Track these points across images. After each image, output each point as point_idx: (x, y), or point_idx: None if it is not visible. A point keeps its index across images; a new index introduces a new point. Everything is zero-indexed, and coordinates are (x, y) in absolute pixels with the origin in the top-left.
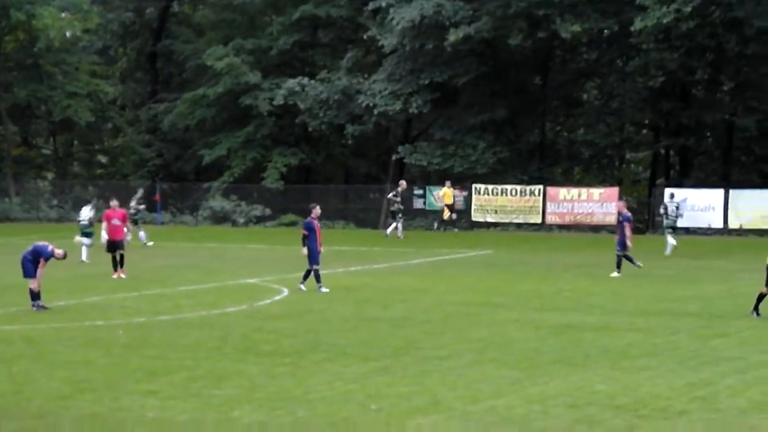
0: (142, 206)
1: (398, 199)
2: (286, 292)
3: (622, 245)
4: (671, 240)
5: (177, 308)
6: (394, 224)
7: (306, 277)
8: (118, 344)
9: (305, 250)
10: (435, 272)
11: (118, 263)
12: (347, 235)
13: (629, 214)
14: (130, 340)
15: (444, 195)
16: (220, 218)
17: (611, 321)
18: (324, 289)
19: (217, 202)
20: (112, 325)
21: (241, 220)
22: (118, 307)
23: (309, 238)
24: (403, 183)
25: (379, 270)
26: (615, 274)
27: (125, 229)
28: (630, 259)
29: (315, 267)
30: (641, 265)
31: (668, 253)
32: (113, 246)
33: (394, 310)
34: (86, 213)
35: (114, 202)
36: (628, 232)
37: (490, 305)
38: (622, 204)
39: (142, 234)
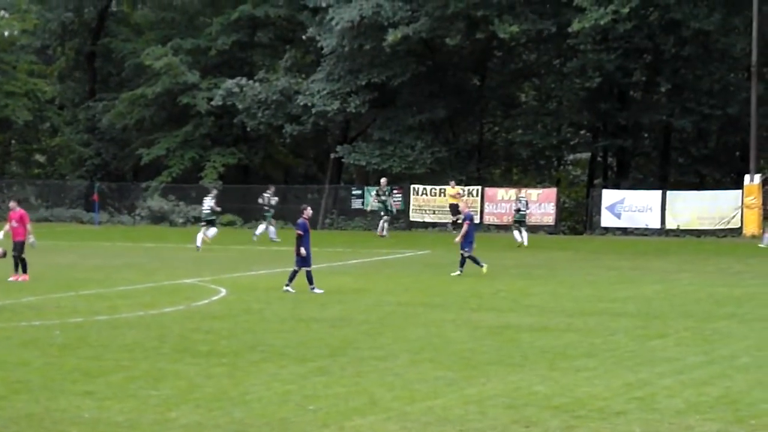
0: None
1: (384, 198)
2: (223, 292)
3: (468, 245)
4: (523, 234)
5: (114, 308)
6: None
7: (292, 278)
8: (55, 344)
9: (303, 251)
10: (373, 272)
11: (18, 265)
12: (286, 236)
13: (471, 213)
14: (67, 340)
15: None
16: (158, 218)
17: (549, 321)
18: (318, 290)
19: (156, 202)
20: (49, 325)
21: (180, 220)
22: (54, 308)
23: (304, 239)
24: (383, 181)
25: (318, 270)
26: (457, 272)
27: (29, 234)
28: (474, 260)
29: (307, 268)
30: (485, 266)
31: (522, 243)
32: (13, 248)
33: (331, 310)
34: (208, 202)
35: (12, 203)
36: (463, 229)
37: (427, 305)
38: (464, 204)
39: (262, 228)
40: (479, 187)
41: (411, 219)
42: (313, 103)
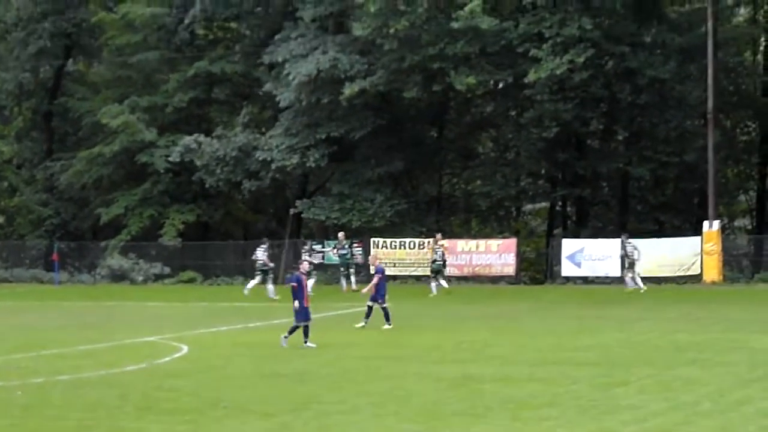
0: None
1: (344, 251)
2: (185, 349)
3: (382, 297)
4: (441, 282)
5: (76, 368)
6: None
7: (292, 332)
8: (17, 405)
9: (297, 303)
10: (335, 326)
11: None
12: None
13: (382, 266)
14: (29, 400)
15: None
16: (119, 276)
17: (511, 372)
18: (310, 344)
19: (115, 261)
20: (10, 386)
21: (140, 278)
22: (14, 368)
23: (298, 292)
24: (341, 235)
25: (279, 326)
26: (386, 327)
27: None
28: (386, 313)
29: (305, 323)
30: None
31: (436, 292)
32: None
33: (294, 365)
34: (261, 254)
35: None
36: (374, 281)
37: (390, 358)
38: (373, 257)
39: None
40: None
41: (371, 272)
42: (272, 158)
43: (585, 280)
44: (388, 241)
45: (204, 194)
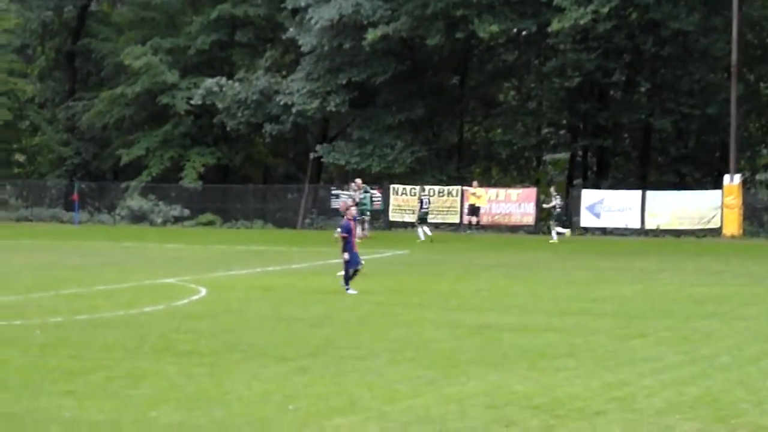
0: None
1: (360, 197)
2: (204, 292)
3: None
4: (426, 230)
5: (94, 308)
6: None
7: (348, 279)
8: (35, 344)
9: (346, 255)
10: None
11: None
12: (266, 235)
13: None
14: (47, 339)
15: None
16: (138, 218)
17: (529, 321)
18: (351, 291)
19: (135, 202)
20: (29, 324)
21: (159, 220)
22: (34, 307)
23: (347, 240)
24: (358, 181)
25: (298, 270)
26: (340, 273)
27: None
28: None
29: (359, 267)
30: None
31: (423, 239)
32: None
33: (312, 310)
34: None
35: None
36: (358, 231)
37: (407, 305)
38: (344, 204)
39: (363, 231)
40: (458, 187)
41: (390, 219)
42: (293, 102)
43: (604, 231)
44: (408, 188)
45: (225, 137)
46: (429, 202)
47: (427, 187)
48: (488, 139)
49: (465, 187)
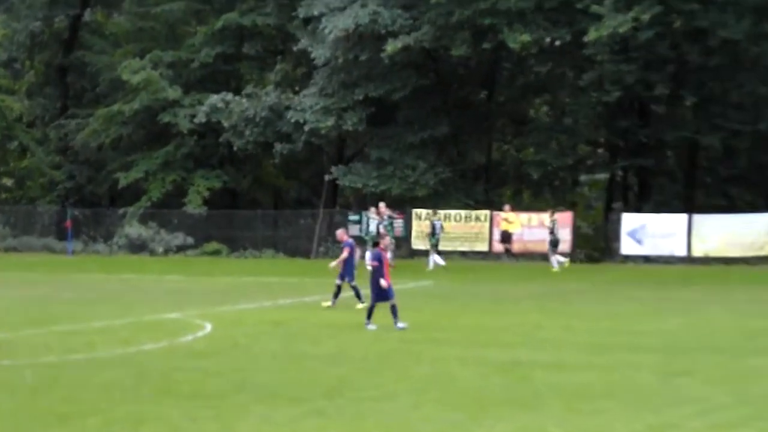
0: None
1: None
2: (209, 327)
3: (351, 274)
4: (438, 260)
5: (90, 346)
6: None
7: (370, 314)
8: (25, 386)
9: (384, 282)
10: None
11: None
12: (276, 265)
13: (351, 240)
14: (39, 381)
15: (507, 219)
16: (137, 247)
17: (564, 357)
18: (401, 325)
19: (134, 230)
20: (18, 365)
21: (161, 249)
22: (24, 345)
23: (378, 271)
24: (382, 206)
25: (311, 303)
26: (359, 305)
27: None
28: (356, 291)
29: (391, 302)
30: (364, 303)
31: (431, 269)
32: None
33: (326, 346)
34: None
35: None
36: (343, 255)
37: (431, 341)
38: (342, 232)
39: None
40: (487, 212)
41: (413, 247)
42: (305, 119)
43: (646, 258)
44: (430, 211)
45: (231, 158)
46: (441, 228)
47: (440, 211)
48: (519, 159)
49: (495, 212)
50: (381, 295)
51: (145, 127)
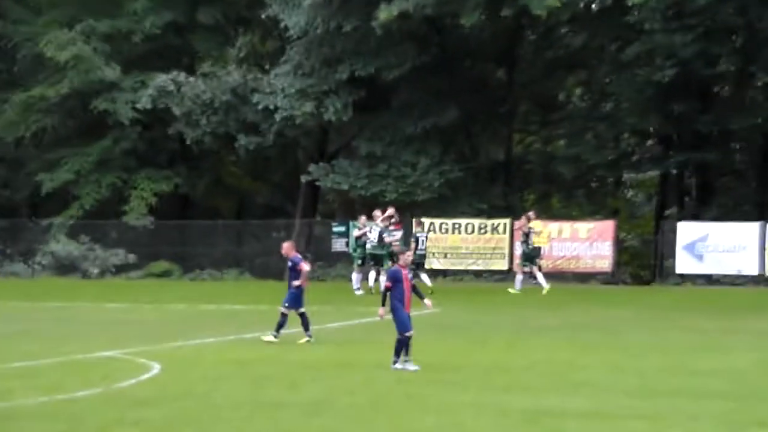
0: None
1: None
2: (156, 368)
3: (297, 299)
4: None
5: (8, 393)
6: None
7: (399, 350)
8: None
9: (382, 311)
10: (362, 339)
11: None
12: (242, 289)
13: (299, 256)
14: None
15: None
16: (66, 267)
17: (605, 405)
18: (412, 367)
19: (62, 246)
20: None
21: (95, 271)
22: None
23: (394, 292)
24: (391, 211)
25: (285, 336)
26: (304, 340)
27: None
28: (305, 323)
29: (407, 334)
30: (312, 338)
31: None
32: None
33: (305, 391)
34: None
35: None
36: (304, 270)
37: (437, 383)
38: (289, 245)
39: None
40: (507, 221)
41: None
42: (277, 105)
43: (709, 279)
44: (437, 222)
45: (184, 155)
46: (426, 240)
47: (425, 220)
48: (547, 154)
49: (518, 221)
50: (401, 324)
51: (75, 117)
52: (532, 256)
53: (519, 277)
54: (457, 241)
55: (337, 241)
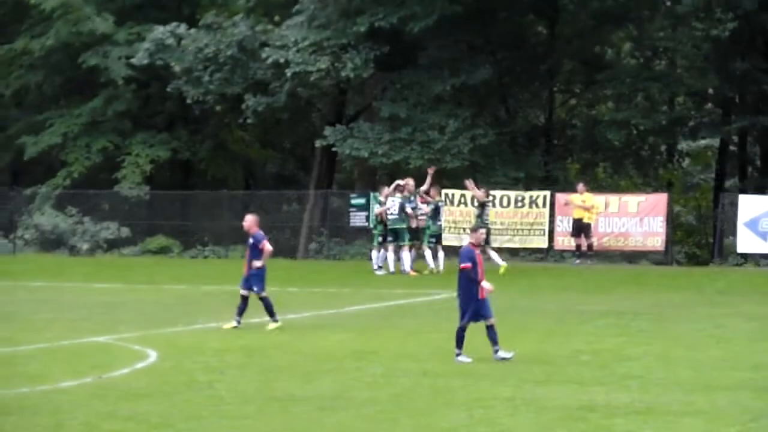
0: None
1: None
2: (153, 356)
3: (260, 281)
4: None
5: None
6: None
7: (461, 340)
8: None
9: (487, 285)
10: (383, 325)
11: None
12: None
13: (262, 233)
14: None
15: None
16: (52, 243)
17: (657, 400)
18: (464, 359)
19: (47, 218)
20: None
21: (85, 246)
22: None
23: (469, 276)
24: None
25: (298, 322)
26: (272, 325)
27: None
28: (268, 307)
29: (491, 320)
30: (279, 321)
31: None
32: None
33: (320, 384)
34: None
35: None
36: (266, 250)
37: (468, 376)
38: (253, 220)
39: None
40: (547, 193)
41: (443, 242)
42: (289, 60)
43: None
44: (467, 194)
45: (185, 117)
46: (437, 209)
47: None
48: (592, 118)
49: (563, 195)
50: (476, 310)
51: (63, 73)
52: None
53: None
54: (491, 215)
55: (356, 215)
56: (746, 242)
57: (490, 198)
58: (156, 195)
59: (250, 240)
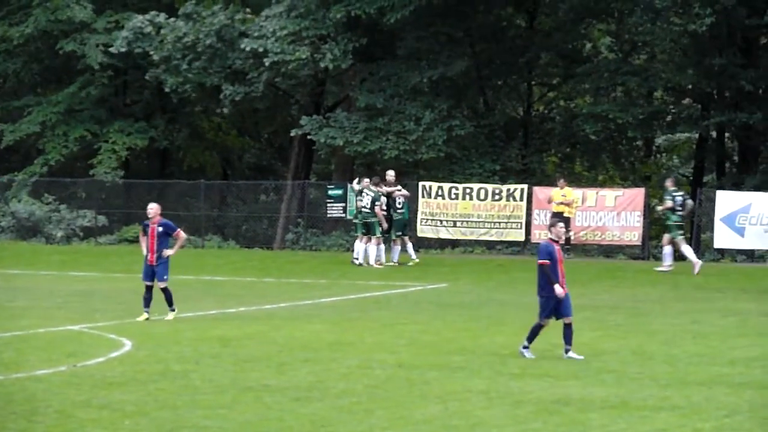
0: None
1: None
2: (128, 345)
3: (167, 270)
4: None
5: None
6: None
7: (533, 336)
8: None
9: (558, 289)
10: (359, 317)
11: None
12: (225, 258)
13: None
14: None
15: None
16: (28, 230)
17: (632, 395)
18: (527, 354)
19: (23, 206)
20: None
21: (60, 234)
22: None
23: (552, 272)
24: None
25: (273, 312)
26: (171, 315)
27: None
28: (169, 297)
29: (569, 319)
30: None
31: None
32: None
33: (295, 375)
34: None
35: None
36: (180, 238)
37: (443, 368)
38: (158, 208)
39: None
40: (524, 186)
41: (418, 234)
42: (267, 49)
43: (750, 255)
44: (445, 186)
45: (162, 105)
46: (403, 202)
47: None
48: (570, 111)
49: (542, 189)
50: (556, 308)
51: (42, 62)
52: (402, 223)
53: (397, 248)
54: (468, 207)
55: (333, 206)
56: (723, 238)
57: (399, 188)
58: (132, 184)
59: (159, 228)
